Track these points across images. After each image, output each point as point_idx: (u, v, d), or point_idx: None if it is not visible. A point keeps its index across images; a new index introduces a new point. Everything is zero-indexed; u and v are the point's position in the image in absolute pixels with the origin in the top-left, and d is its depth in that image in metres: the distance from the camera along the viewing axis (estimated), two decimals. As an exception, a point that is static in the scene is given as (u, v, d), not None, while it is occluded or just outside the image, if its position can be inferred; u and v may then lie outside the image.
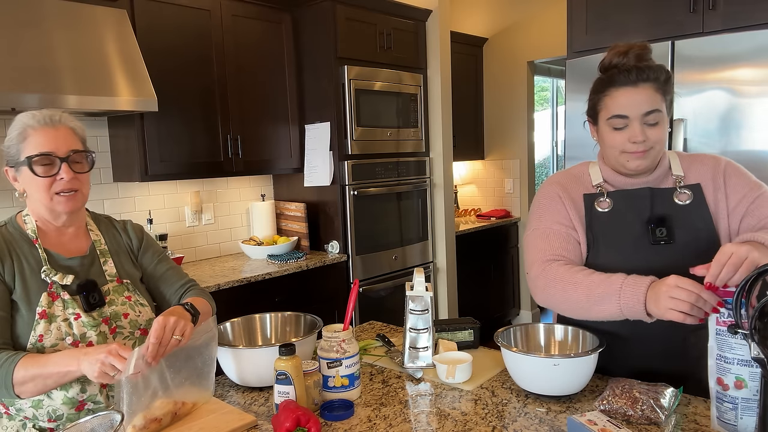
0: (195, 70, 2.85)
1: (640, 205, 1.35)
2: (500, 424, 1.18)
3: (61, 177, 1.30)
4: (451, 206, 3.90)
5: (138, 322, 1.40)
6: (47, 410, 1.28)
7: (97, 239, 1.44)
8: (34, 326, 1.27)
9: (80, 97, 2.25)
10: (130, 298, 1.41)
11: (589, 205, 1.40)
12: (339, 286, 3.24)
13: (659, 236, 1.31)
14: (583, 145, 2.73)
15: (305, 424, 1.11)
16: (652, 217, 1.33)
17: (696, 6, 2.43)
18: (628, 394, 1.17)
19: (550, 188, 1.46)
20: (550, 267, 1.34)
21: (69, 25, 2.33)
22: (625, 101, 1.29)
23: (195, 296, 1.49)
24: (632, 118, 1.28)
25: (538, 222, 1.43)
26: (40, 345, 1.27)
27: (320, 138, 3.26)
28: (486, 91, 4.82)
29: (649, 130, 1.29)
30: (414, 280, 1.46)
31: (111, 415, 1.06)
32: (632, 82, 1.28)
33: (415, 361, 1.47)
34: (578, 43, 2.79)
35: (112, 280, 1.41)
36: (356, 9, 3.25)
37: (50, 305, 1.29)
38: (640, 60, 1.31)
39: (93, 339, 1.31)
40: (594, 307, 1.23)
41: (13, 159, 1.31)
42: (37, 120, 1.30)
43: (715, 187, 1.33)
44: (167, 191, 3.13)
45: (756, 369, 1.03)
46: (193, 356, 1.29)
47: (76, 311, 1.31)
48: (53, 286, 1.31)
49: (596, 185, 1.41)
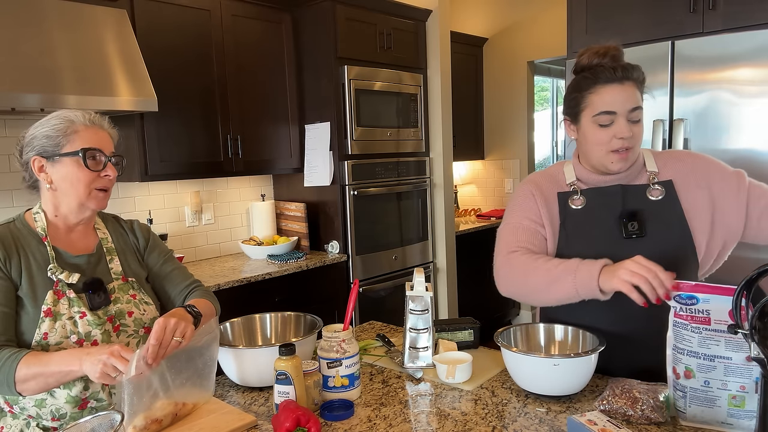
0: (195, 70, 2.85)
1: (612, 202, 1.38)
2: (500, 424, 1.18)
3: (106, 174, 1.36)
4: (451, 206, 3.90)
5: (142, 321, 1.41)
6: (50, 409, 1.28)
7: (104, 237, 1.45)
8: (39, 324, 1.27)
9: (80, 97, 2.25)
10: (135, 297, 1.42)
11: (563, 203, 1.44)
12: (339, 286, 3.24)
13: (631, 230, 1.34)
14: (583, 145, 2.73)
15: (305, 424, 1.11)
16: (624, 212, 1.36)
17: (696, 6, 2.43)
18: (628, 394, 1.17)
19: (525, 186, 1.50)
20: (513, 256, 1.40)
21: (69, 25, 2.33)
22: (611, 98, 1.31)
23: (199, 297, 1.50)
24: (619, 114, 1.31)
25: (510, 217, 1.50)
26: (45, 343, 1.27)
27: (320, 138, 3.26)
28: (486, 91, 4.82)
29: (633, 126, 1.31)
30: (414, 280, 1.46)
31: (111, 415, 1.06)
32: (618, 79, 1.31)
33: (415, 361, 1.47)
34: (578, 43, 2.79)
35: (118, 278, 1.41)
36: (356, 9, 3.25)
37: (56, 303, 1.29)
38: (616, 60, 1.35)
39: (98, 338, 1.32)
40: (551, 288, 1.29)
41: (52, 150, 1.31)
42: (88, 118, 1.35)
43: (697, 184, 1.36)
44: (167, 191, 3.13)
45: (704, 361, 1.11)
46: (195, 357, 1.29)
47: (82, 310, 1.31)
48: (59, 284, 1.31)
49: (570, 183, 1.45)
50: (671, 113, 2.46)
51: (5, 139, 2.56)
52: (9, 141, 2.57)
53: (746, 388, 1.08)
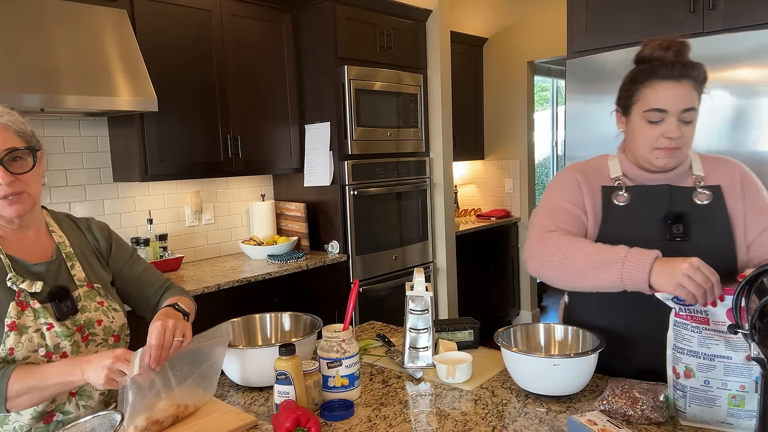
0: (195, 70, 2.85)
1: (658, 202, 1.33)
2: (500, 424, 1.18)
3: None
4: (451, 206, 3.90)
5: (111, 329, 1.33)
6: (13, 426, 1.20)
7: (60, 241, 1.34)
8: (3, 339, 1.17)
9: (80, 97, 2.25)
10: (102, 304, 1.33)
11: (606, 197, 1.38)
12: (339, 286, 3.24)
13: (675, 233, 1.30)
14: (583, 145, 2.73)
15: (305, 424, 1.11)
16: (669, 214, 1.31)
17: (696, 6, 2.43)
18: (628, 394, 1.17)
19: (569, 172, 1.44)
20: (551, 236, 1.31)
21: (69, 25, 2.33)
22: (665, 95, 1.27)
23: (177, 296, 1.43)
24: (670, 113, 1.27)
25: (549, 199, 1.41)
26: (11, 359, 1.18)
27: (320, 138, 3.26)
28: (486, 91, 4.82)
29: (683, 127, 1.27)
30: (414, 280, 1.46)
31: (111, 415, 1.06)
32: (675, 76, 1.26)
33: (415, 361, 1.47)
34: (578, 43, 2.79)
35: (83, 284, 1.31)
36: (356, 9, 3.25)
37: (20, 316, 1.19)
38: (679, 56, 1.29)
39: (67, 349, 1.23)
40: (593, 274, 1.20)
41: None
42: None
43: (735, 194, 1.33)
44: (167, 191, 3.13)
45: (703, 360, 1.11)
46: (200, 360, 1.28)
47: (49, 321, 1.22)
48: (21, 294, 1.20)
49: (614, 178, 1.39)
50: (671, 113, 2.45)
51: (5, 139, 2.56)
52: (9, 141, 2.56)
53: (746, 388, 1.08)
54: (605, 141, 2.65)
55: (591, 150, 2.70)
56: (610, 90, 2.61)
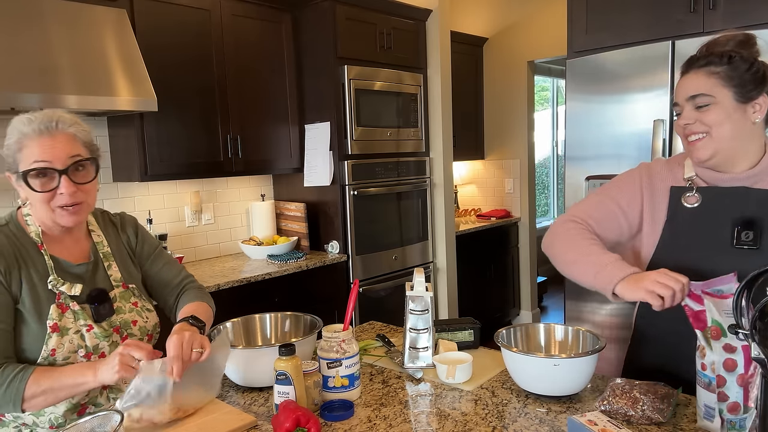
0: (195, 70, 2.85)
1: (733, 205, 1.25)
2: (500, 424, 1.18)
3: (60, 192, 1.19)
4: (451, 206, 3.89)
5: (146, 328, 1.38)
6: (49, 417, 1.24)
7: (99, 241, 1.37)
8: (46, 340, 1.20)
9: (80, 97, 2.25)
10: (136, 305, 1.37)
11: (675, 198, 1.32)
12: (339, 286, 3.24)
13: (744, 240, 1.21)
14: (583, 145, 2.73)
15: (305, 425, 1.11)
16: (739, 219, 1.23)
17: (696, 6, 2.43)
18: (629, 394, 1.17)
19: (638, 171, 1.42)
20: (570, 225, 1.39)
21: (69, 25, 2.32)
22: (677, 89, 1.29)
23: (192, 300, 1.44)
24: (680, 103, 1.28)
25: (607, 189, 1.44)
26: (53, 359, 1.21)
27: (320, 138, 3.25)
28: (486, 91, 4.82)
29: (698, 113, 1.24)
30: (414, 280, 1.46)
31: (111, 415, 1.05)
32: (684, 71, 1.29)
33: (415, 361, 1.47)
34: (578, 42, 2.79)
35: (118, 285, 1.35)
36: (356, 9, 3.25)
37: (60, 317, 1.22)
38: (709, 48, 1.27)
39: (105, 350, 1.28)
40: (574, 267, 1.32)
41: (12, 167, 1.22)
42: (33, 127, 1.18)
43: None
44: (167, 191, 3.13)
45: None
46: (204, 368, 1.27)
47: (88, 322, 1.26)
48: (61, 296, 1.24)
49: (687, 178, 1.33)
50: (671, 113, 2.45)
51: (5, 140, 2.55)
52: (9, 141, 2.56)
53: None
54: (605, 141, 2.65)
55: (591, 150, 2.70)
56: (611, 90, 2.62)
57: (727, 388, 1.04)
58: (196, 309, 1.39)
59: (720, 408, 1.06)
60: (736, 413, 1.05)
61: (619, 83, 2.58)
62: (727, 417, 1.05)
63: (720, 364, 1.05)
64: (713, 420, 1.08)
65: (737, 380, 1.04)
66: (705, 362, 1.08)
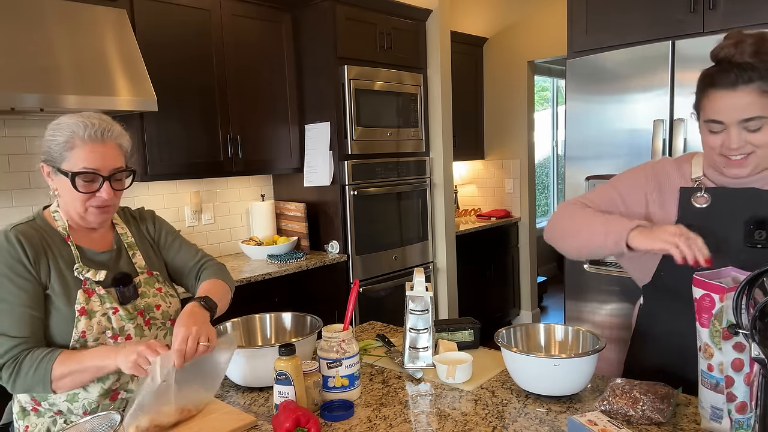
0: (195, 70, 2.85)
1: (743, 206, 1.23)
2: (500, 424, 1.18)
3: (100, 195, 1.30)
4: (451, 206, 3.89)
5: (168, 313, 1.43)
6: (83, 403, 1.29)
7: (123, 232, 1.46)
8: (76, 323, 1.27)
9: (80, 97, 2.24)
10: (160, 290, 1.43)
11: (685, 199, 1.31)
12: (339, 286, 3.24)
13: (757, 239, 1.20)
14: (583, 145, 2.73)
15: (305, 425, 1.11)
16: (752, 219, 1.22)
17: (696, 6, 2.43)
18: (629, 394, 1.17)
19: (642, 167, 1.41)
20: (567, 204, 1.41)
21: (69, 25, 2.32)
22: (720, 106, 1.18)
23: (210, 277, 1.49)
24: (728, 124, 1.18)
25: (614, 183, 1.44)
26: (83, 341, 1.28)
27: (320, 138, 3.25)
28: (486, 91, 4.82)
29: (750, 135, 1.17)
30: (414, 280, 1.46)
31: (111, 415, 1.06)
32: (731, 84, 1.16)
33: (415, 361, 1.47)
34: (578, 42, 2.79)
35: (143, 271, 1.42)
36: (356, 9, 3.25)
37: (87, 301, 1.29)
38: (757, 55, 1.15)
39: (131, 332, 1.33)
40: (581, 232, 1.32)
41: (54, 160, 1.29)
42: (88, 132, 1.28)
43: None
44: (167, 191, 3.12)
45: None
46: (208, 366, 1.27)
47: (114, 305, 1.32)
48: (87, 282, 1.31)
49: (695, 179, 1.31)
50: (671, 113, 2.45)
51: (5, 139, 2.56)
52: (9, 141, 2.57)
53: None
54: (605, 141, 2.66)
55: (591, 150, 2.70)
56: (611, 90, 2.62)
57: (735, 389, 1.04)
58: (211, 288, 1.43)
59: (729, 408, 1.05)
60: (744, 413, 1.04)
61: (619, 83, 2.58)
62: (735, 417, 1.05)
63: (728, 364, 1.05)
64: (721, 421, 1.07)
65: (744, 379, 1.04)
66: (712, 363, 1.07)
